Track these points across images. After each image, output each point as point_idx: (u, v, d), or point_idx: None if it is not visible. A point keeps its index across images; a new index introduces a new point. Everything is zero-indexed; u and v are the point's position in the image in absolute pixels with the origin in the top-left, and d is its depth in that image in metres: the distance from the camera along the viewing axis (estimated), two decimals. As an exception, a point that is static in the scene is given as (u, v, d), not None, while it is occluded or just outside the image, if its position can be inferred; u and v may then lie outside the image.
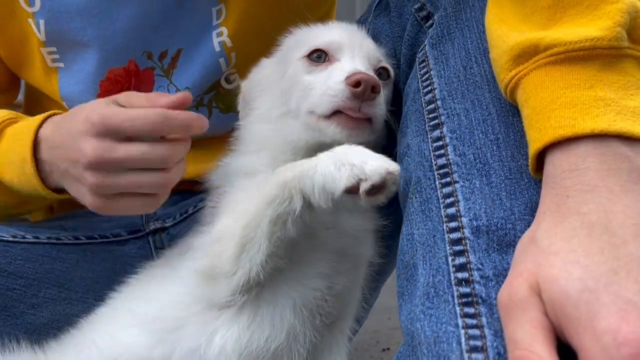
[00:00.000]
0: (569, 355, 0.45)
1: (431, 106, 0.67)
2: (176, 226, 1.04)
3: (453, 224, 0.59)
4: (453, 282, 0.56)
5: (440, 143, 0.64)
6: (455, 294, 0.55)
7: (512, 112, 0.60)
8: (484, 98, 0.63)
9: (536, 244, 0.49)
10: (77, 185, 0.79)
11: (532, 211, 0.54)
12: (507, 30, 0.59)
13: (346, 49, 0.79)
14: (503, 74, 0.58)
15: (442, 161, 0.63)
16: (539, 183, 0.54)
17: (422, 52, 0.71)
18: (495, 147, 0.60)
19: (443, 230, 0.59)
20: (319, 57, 0.80)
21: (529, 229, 0.52)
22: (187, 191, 1.05)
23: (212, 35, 1.02)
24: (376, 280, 0.87)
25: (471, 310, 0.54)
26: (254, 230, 0.69)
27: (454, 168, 0.61)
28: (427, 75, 0.69)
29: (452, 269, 0.57)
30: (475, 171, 0.60)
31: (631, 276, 0.44)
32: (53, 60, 1.02)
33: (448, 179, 0.61)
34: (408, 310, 0.60)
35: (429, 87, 0.68)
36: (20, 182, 0.87)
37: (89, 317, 0.84)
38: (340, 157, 0.64)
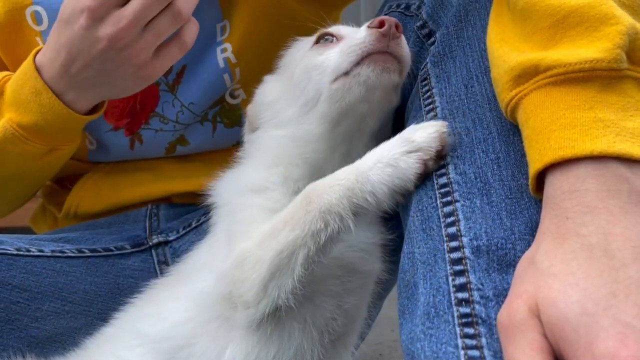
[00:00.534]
0: None
1: None
2: (179, 240, 1.04)
3: (453, 244, 0.59)
4: (453, 302, 0.56)
5: (441, 162, 0.64)
6: (455, 314, 0.55)
7: (513, 132, 0.60)
8: (485, 117, 0.63)
9: (535, 266, 0.49)
10: (119, 73, 0.82)
11: (533, 231, 0.54)
12: (508, 49, 0.59)
13: (352, 29, 0.80)
14: (504, 94, 0.58)
15: (443, 180, 0.63)
16: (540, 203, 0.54)
17: (424, 70, 0.72)
18: (495, 167, 0.60)
19: (444, 249, 0.59)
20: (327, 39, 0.80)
21: (529, 250, 0.52)
22: (190, 204, 1.06)
23: (217, 51, 1.03)
24: (380, 296, 0.87)
25: (471, 330, 0.54)
26: (289, 257, 0.65)
27: (455, 187, 0.62)
28: (429, 93, 0.69)
29: (453, 289, 0.57)
30: (476, 190, 0.60)
31: (630, 299, 0.44)
32: None
33: (449, 198, 0.62)
34: (408, 329, 0.60)
35: (431, 106, 0.69)
36: (43, 116, 0.86)
37: (95, 337, 0.84)
38: (385, 156, 0.64)
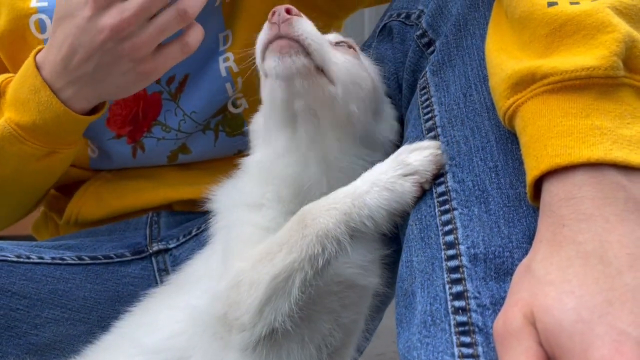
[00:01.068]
0: None
1: (432, 133, 0.67)
2: (179, 247, 1.04)
3: (451, 252, 0.59)
4: (450, 311, 0.56)
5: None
6: (452, 323, 0.55)
7: (511, 140, 0.60)
8: (484, 125, 0.63)
9: (532, 273, 0.49)
10: (117, 69, 0.82)
11: (530, 239, 0.54)
12: (506, 58, 0.59)
13: None
14: (501, 102, 0.58)
15: (442, 188, 0.63)
16: (537, 211, 0.54)
17: (424, 79, 0.72)
18: (494, 175, 0.60)
19: (441, 257, 0.59)
20: None
21: (526, 258, 0.52)
22: (191, 212, 1.06)
23: (219, 60, 1.04)
24: (379, 309, 0.86)
25: (467, 339, 0.53)
26: (286, 281, 0.65)
27: (453, 195, 0.62)
28: (428, 102, 0.70)
29: (450, 297, 0.56)
30: (474, 198, 0.60)
31: (626, 307, 0.44)
32: None
33: (447, 206, 0.61)
34: (406, 338, 0.60)
35: (430, 114, 0.69)
36: (41, 115, 0.86)
37: (94, 345, 0.84)
38: (381, 179, 0.64)
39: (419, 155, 0.64)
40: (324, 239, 0.64)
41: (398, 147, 0.72)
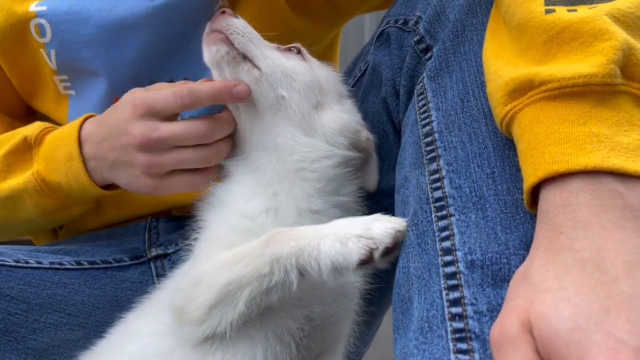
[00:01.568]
0: None
1: (428, 138, 0.67)
2: (178, 252, 1.04)
3: (448, 258, 0.59)
4: (447, 317, 0.56)
5: (437, 176, 0.64)
6: (448, 329, 0.55)
7: (508, 146, 0.60)
8: (481, 131, 0.63)
9: (528, 280, 0.49)
10: (129, 170, 0.85)
11: (527, 246, 0.54)
12: (503, 64, 0.59)
13: None
14: (499, 109, 0.58)
15: (439, 194, 0.63)
16: (535, 217, 0.54)
17: (421, 85, 0.72)
18: (491, 181, 0.60)
19: (438, 263, 0.59)
20: None
21: (523, 265, 0.52)
22: (190, 218, 1.06)
23: None
24: (374, 313, 0.86)
25: (464, 346, 0.53)
26: (235, 291, 0.68)
27: (450, 201, 0.61)
28: (425, 107, 0.70)
29: (446, 304, 0.56)
30: (471, 205, 0.60)
31: (622, 315, 0.43)
32: (65, 87, 1.04)
33: (444, 212, 0.61)
34: (402, 344, 0.60)
35: (427, 120, 0.69)
36: (67, 180, 0.90)
37: (88, 353, 0.85)
38: (341, 231, 0.65)
39: (383, 225, 0.65)
40: (275, 264, 0.66)
41: (341, 134, 0.81)
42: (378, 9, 1.11)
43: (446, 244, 0.59)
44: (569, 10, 0.56)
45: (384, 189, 0.88)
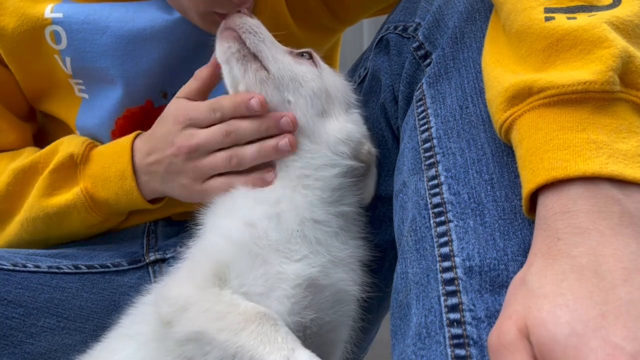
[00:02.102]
0: None
1: (427, 144, 0.67)
2: (176, 257, 1.04)
3: (446, 264, 0.59)
4: (445, 323, 0.56)
5: (435, 182, 0.64)
6: (446, 335, 0.55)
7: (507, 153, 0.61)
8: (479, 138, 0.63)
9: (526, 286, 0.49)
10: (180, 179, 0.89)
11: (525, 252, 0.54)
12: (503, 71, 0.59)
13: None
14: (498, 115, 0.58)
15: (437, 200, 0.63)
16: (533, 224, 0.54)
17: (420, 91, 0.72)
18: (489, 187, 0.60)
19: (436, 269, 0.59)
20: None
21: (521, 271, 0.52)
22: (188, 222, 1.05)
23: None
24: (372, 320, 0.86)
25: (462, 352, 0.53)
26: (206, 344, 0.69)
27: (449, 207, 0.62)
28: (424, 113, 0.70)
29: (445, 310, 0.56)
30: (469, 211, 0.60)
31: (620, 321, 0.43)
32: (80, 90, 1.04)
33: (442, 218, 0.61)
34: (400, 350, 0.60)
35: (426, 126, 0.69)
36: (117, 197, 0.95)
37: (84, 356, 0.85)
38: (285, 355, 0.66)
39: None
40: (238, 350, 0.67)
41: (344, 144, 0.82)
42: (379, 15, 1.12)
43: (444, 250, 0.59)
44: (569, 18, 0.56)
45: (382, 195, 0.88)
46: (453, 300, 0.56)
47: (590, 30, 0.54)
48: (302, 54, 0.87)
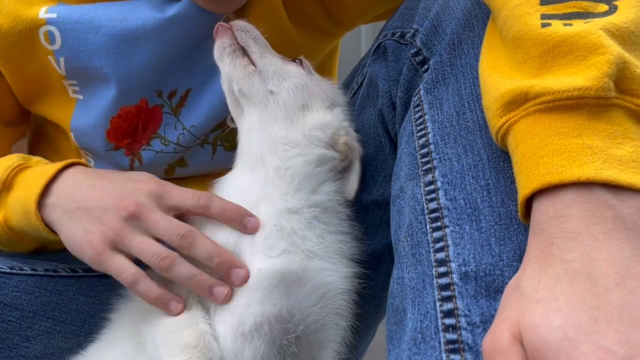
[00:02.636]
0: None
1: (424, 150, 0.68)
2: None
3: (442, 269, 0.59)
4: (440, 328, 0.56)
5: (432, 187, 0.64)
6: (442, 340, 0.55)
7: (503, 158, 0.61)
8: (476, 144, 0.63)
9: (520, 291, 0.49)
10: (93, 225, 0.81)
11: (521, 257, 0.54)
12: (499, 77, 0.59)
13: None
14: (494, 121, 0.58)
15: (434, 205, 0.63)
16: (529, 229, 0.54)
17: (417, 97, 0.72)
18: (485, 193, 0.60)
19: (432, 275, 0.59)
20: None
21: (515, 276, 0.52)
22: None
23: (220, 76, 1.04)
24: (369, 324, 0.86)
25: (457, 357, 0.53)
26: None
27: (445, 212, 0.62)
28: (421, 119, 0.70)
29: (440, 315, 0.56)
30: (465, 216, 0.60)
31: (612, 325, 0.44)
32: (74, 91, 1.04)
33: (439, 224, 0.62)
34: (396, 355, 0.60)
35: (423, 131, 0.69)
36: (27, 226, 0.88)
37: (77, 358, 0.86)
38: None
39: None
40: None
41: (319, 130, 0.84)
42: (378, 20, 1.12)
43: (440, 255, 0.60)
44: (565, 24, 0.57)
45: (380, 200, 0.88)
46: (448, 305, 0.56)
47: (586, 36, 0.54)
48: (294, 60, 0.91)
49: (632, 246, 0.47)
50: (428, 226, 0.63)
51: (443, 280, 0.58)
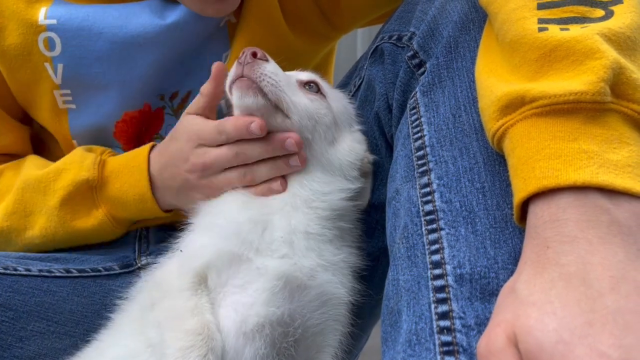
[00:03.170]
0: None
1: (420, 152, 0.68)
2: (168, 262, 1.04)
3: (437, 271, 0.59)
4: (435, 330, 0.56)
5: (427, 189, 0.64)
6: (436, 342, 0.55)
7: (499, 161, 0.61)
8: (472, 146, 0.63)
9: (515, 294, 0.49)
10: (193, 194, 0.90)
11: (516, 260, 0.54)
12: (496, 80, 0.60)
13: None
14: (490, 124, 0.58)
15: (429, 207, 0.63)
16: (524, 232, 0.54)
17: (414, 99, 0.72)
18: (481, 196, 0.60)
19: (427, 277, 0.59)
20: None
21: (510, 279, 0.52)
22: (181, 226, 1.05)
23: None
24: (363, 326, 0.86)
25: (452, 359, 0.53)
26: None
27: (440, 215, 0.62)
28: (418, 121, 0.70)
29: (435, 317, 0.56)
30: (461, 219, 0.60)
31: (606, 329, 0.44)
32: (65, 102, 1.04)
33: (434, 226, 0.62)
34: (390, 356, 0.60)
35: (419, 134, 0.69)
36: (140, 214, 1.00)
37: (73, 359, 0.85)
38: None
39: None
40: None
41: (354, 168, 0.85)
42: (374, 24, 1.12)
43: (436, 258, 0.60)
44: (562, 29, 0.57)
45: (376, 203, 0.88)
46: (443, 307, 0.56)
47: (582, 41, 0.54)
48: (310, 85, 0.89)
49: (627, 250, 0.47)
50: (423, 228, 0.63)
51: (438, 282, 0.58)
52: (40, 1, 0.98)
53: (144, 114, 1.06)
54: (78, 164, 0.97)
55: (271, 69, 0.82)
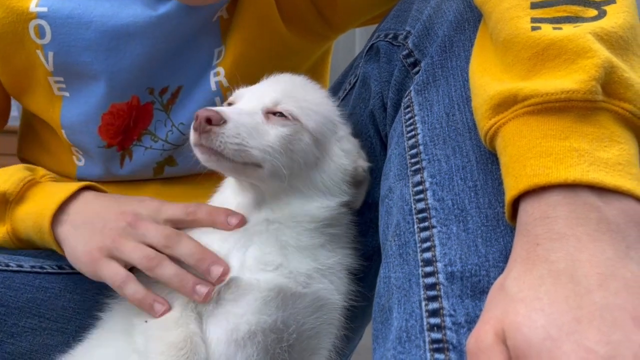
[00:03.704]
0: None
1: (413, 151, 0.68)
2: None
3: (428, 269, 0.59)
4: (425, 328, 0.56)
5: (420, 187, 0.65)
6: (426, 340, 0.55)
7: (492, 160, 0.61)
8: (465, 145, 0.64)
9: (505, 291, 0.49)
10: (91, 235, 0.86)
11: (507, 258, 0.54)
12: (489, 79, 0.60)
13: (245, 96, 0.84)
14: (483, 122, 0.59)
15: (421, 205, 0.63)
16: (515, 230, 0.55)
17: (408, 98, 0.73)
18: (473, 194, 0.61)
19: (419, 274, 0.59)
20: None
21: (500, 276, 0.52)
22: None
23: (210, 74, 1.04)
24: (357, 328, 0.86)
25: (441, 356, 0.53)
26: None
27: (432, 213, 0.62)
28: (411, 120, 0.70)
29: (425, 314, 0.56)
30: (452, 217, 0.60)
31: (594, 325, 0.44)
32: (59, 89, 1.04)
33: (426, 224, 0.62)
34: (381, 354, 0.60)
35: (413, 132, 0.69)
36: (40, 242, 0.93)
37: (65, 356, 0.86)
38: None
39: None
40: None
41: (344, 183, 0.83)
42: (370, 24, 1.12)
43: (427, 255, 0.60)
44: (555, 28, 0.57)
45: (369, 202, 0.88)
46: (434, 305, 0.56)
47: (575, 40, 0.55)
48: (276, 114, 0.81)
49: (616, 248, 0.48)
50: (415, 226, 0.63)
51: (429, 279, 0.58)
52: None
53: (132, 107, 1.05)
54: (8, 176, 0.95)
55: (231, 131, 0.75)
